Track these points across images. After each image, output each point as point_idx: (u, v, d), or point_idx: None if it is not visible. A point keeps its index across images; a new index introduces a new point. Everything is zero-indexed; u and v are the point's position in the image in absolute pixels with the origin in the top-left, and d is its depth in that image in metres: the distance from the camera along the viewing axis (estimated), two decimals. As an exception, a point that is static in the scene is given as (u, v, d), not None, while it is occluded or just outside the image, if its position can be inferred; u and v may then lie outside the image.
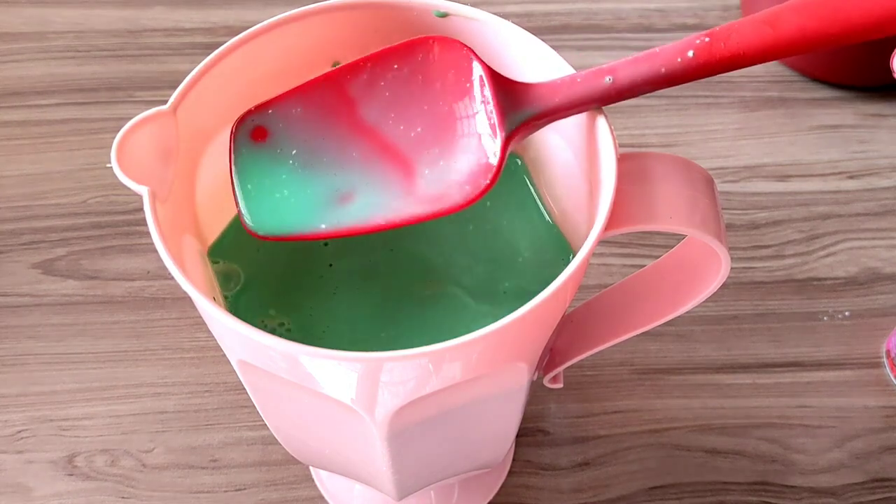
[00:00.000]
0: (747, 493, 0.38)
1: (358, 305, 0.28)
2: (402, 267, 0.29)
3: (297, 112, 0.27)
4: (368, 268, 0.29)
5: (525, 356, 0.26)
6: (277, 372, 0.25)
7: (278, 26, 0.29)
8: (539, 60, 0.28)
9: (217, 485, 0.38)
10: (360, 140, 0.27)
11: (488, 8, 0.29)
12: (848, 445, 0.39)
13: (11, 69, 0.52)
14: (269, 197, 0.26)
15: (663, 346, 0.42)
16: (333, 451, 0.30)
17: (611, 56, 0.53)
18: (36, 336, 0.42)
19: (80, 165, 0.48)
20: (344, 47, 0.30)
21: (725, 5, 0.56)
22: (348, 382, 0.24)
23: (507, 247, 0.30)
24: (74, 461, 0.39)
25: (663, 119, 0.50)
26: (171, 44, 0.53)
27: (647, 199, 0.26)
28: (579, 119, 0.28)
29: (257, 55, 0.29)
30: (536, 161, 0.31)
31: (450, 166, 0.26)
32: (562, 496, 0.38)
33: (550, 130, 0.30)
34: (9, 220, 0.46)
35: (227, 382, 0.41)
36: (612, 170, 0.25)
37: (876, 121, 0.51)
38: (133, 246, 0.45)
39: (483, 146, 0.26)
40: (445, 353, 0.23)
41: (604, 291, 0.33)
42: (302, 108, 0.27)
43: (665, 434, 0.40)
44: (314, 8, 0.29)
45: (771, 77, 0.53)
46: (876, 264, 0.45)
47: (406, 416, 0.25)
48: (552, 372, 0.33)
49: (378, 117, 0.27)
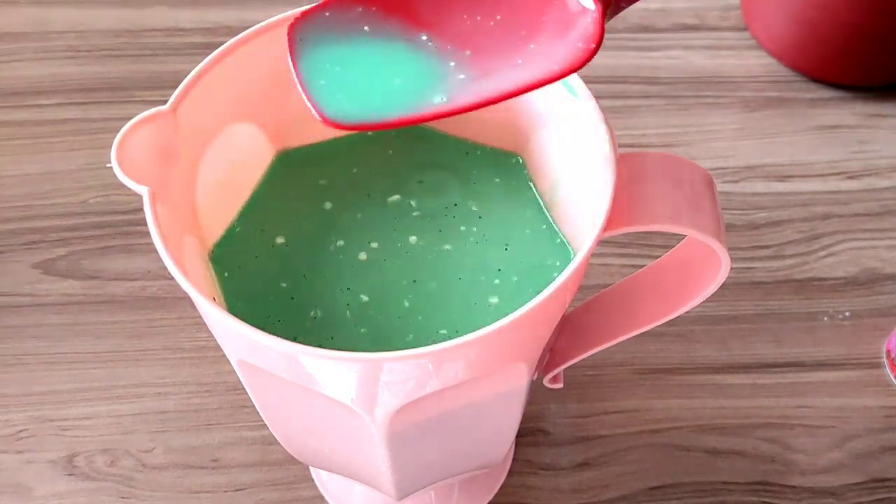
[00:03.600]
0: (747, 493, 0.38)
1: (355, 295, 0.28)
2: (403, 264, 0.29)
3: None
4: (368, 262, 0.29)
5: (525, 356, 0.26)
6: (277, 372, 0.25)
7: (278, 26, 0.29)
8: None
9: (217, 485, 0.38)
10: (443, 30, 0.26)
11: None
12: (848, 445, 0.39)
13: (11, 69, 0.52)
14: (347, 81, 0.25)
15: (663, 346, 0.42)
16: (333, 451, 0.30)
17: (611, 56, 0.54)
18: (36, 336, 0.42)
19: (81, 165, 0.48)
20: None
21: (725, 5, 0.56)
22: (347, 382, 0.24)
23: (507, 246, 0.30)
24: (74, 461, 0.39)
25: (663, 119, 0.50)
26: (171, 44, 0.53)
27: (646, 200, 0.26)
28: (579, 119, 0.28)
29: (257, 55, 0.29)
30: (537, 161, 0.31)
31: (539, 41, 0.25)
32: (562, 496, 0.38)
33: (550, 130, 0.30)
34: (9, 220, 0.46)
35: (227, 382, 0.41)
36: (612, 170, 0.25)
37: (876, 121, 0.51)
38: (133, 246, 0.45)
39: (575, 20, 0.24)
40: (445, 354, 0.23)
41: (604, 291, 0.33)
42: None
43: (665, 434, 0.40)
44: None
45: (771, 77, 0.53)
46: (876, 264, 0.45)
47: (406, 416, 0.25)
48: (552, 372, 0.34)
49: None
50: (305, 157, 0.32)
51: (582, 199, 0.28)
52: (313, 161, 0.32)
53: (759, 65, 0.53)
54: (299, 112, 0.31)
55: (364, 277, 0.29)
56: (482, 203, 0.31)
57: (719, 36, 0.55)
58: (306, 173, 0.32)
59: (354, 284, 0.29)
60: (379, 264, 0.29)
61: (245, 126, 0.30)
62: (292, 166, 0.32)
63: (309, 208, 0.31)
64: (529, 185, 0.31)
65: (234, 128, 0.30)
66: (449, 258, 0.29)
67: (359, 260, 0.29)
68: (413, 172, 0.32)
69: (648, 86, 0.52)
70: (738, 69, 0.53)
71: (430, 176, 0.31)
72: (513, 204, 0.31)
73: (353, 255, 0.29)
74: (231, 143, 0.30)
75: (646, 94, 0.52)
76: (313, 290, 0.29)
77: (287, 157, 0.32)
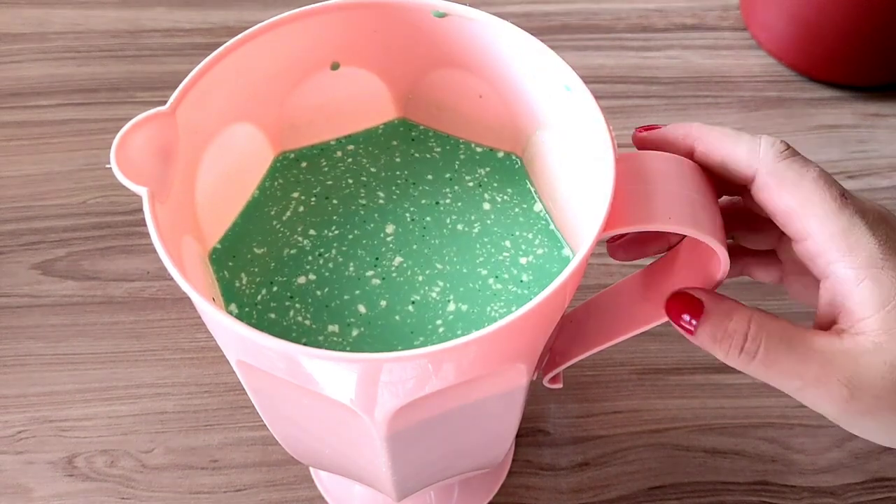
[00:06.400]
0: (747, 493, 0.38)
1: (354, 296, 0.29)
2: (402, 264, 0.29)
3: None
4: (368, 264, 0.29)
5: (524, 357, 0.26)
6: (275, 372, 0.25)
7: (277, 27, 0.29)
8: (537, 60, 0.28)
9: (217, 485, 0.38)
10: None
11: (488, 8, 0.29)
12: (848, 445, 0.39)
13: (11, 69, 0.52)
14: None
15: (663, 346, 0.42)
16: (333, 452, 0.30)
17: (610, 56, 0.54)
18: (36, 336, 0.42)
19: (80, 166, 0.48)
20: (343, 48, 0.31)
21: (725, 5, 0.56)
22: (347, 383, 0.24)
23: (506, 246, 0.30)
24: (74, 462, 0.39)
25: (663, 119, 0.50)
26: (171, 44, 0.53)
27: (645, 200, 0.26)
28: (578, 119, 0.28)
29: (256, 56, 0.29)
30: (536, 161, 0.31)
31: None
32: (562, 496, 0.38)
33: (550, 131, 0.30)
34: (9, 220, 0.46)
35: (226, 383, 0.41)
36: (611, 170, 0.25)
37: (875, 121, 0.51)
38: (133, 247, 0.45)
39: None
40: (445, 354, 0.23)
41: (604, 291, 0.33)
42: None
43: (665, 434, 0.40)
44: (313, 9, 0.29)
45: (771, 77, 0.53)
46: (876, 264, 0.44)
47: (405, 416, 0.25)
48: (552, 372, 0.33)
49: None
50: (306, 158, 0.32)
51: (581, 199, 0.28)
52: (314, 163, 0.32)
53: (759, 65, 0.53)
54: (299, 114, 0.32)
55: (364, 278, 0.29)
56: (481, 203, 0.31)
57: (718, 36, 0.55)
58: (306, 175, 0.32)
59: (354, 285, 0.29)
60: (378, 265, 0.29)
61: (244, 126, 0.30)
62: (292, 168, 0.32)
63: (309, 210, 0.31)
64: (528, 185, 0.31)
65: (233, 128, 0.30)
66: (448, 258, 0.29)
67: (358, 261, 0.29)
68: (413, 174, 0.32)
69: (648, 85, 0.52)
70: (737, 69, 0.53)
71: (429, 177, 0.31)
72: (512, 204, 0.31)
73: (353, 256, 0.29)
74: (231, 144, 0.30)
75: (645, 94, 0.52)
76: (313, 291, 0.29)
77: (287, 159, 0.32)
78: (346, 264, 0.29)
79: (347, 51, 0.31)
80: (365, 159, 0.32)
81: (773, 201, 0.26)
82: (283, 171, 0.32)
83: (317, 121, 0.32)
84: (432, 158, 0.32)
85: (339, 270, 0.29)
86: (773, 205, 0.26)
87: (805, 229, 0.26)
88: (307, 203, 0.31)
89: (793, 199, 0.26)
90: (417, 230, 0.30)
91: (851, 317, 0.25)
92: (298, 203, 0.31)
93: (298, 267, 0.29)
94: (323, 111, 0.32)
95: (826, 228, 0.25)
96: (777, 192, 0.26)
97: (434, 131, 0.33)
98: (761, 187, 0.26)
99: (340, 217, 0.30)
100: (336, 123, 0.32)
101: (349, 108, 0.32)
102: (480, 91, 0.31)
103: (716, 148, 0.27)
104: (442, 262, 0.29)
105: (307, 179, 0.31)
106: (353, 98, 0.32)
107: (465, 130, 0.32)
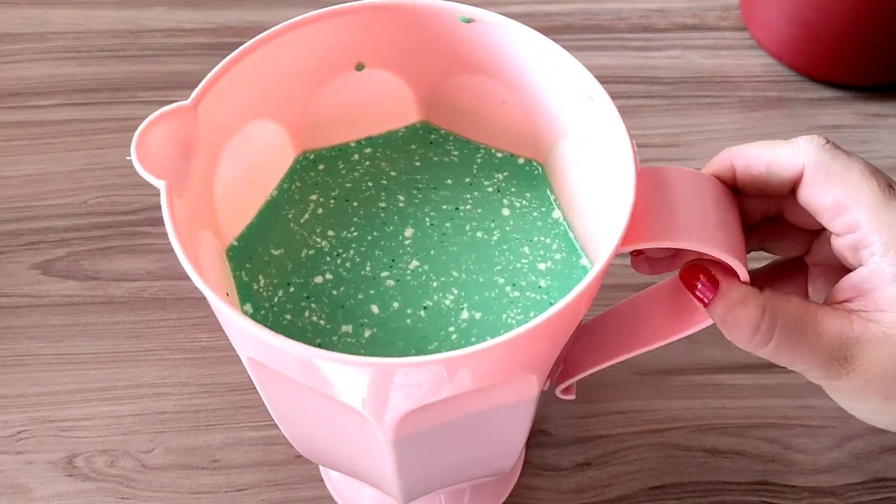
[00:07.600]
0: (748, 493, 0.38)
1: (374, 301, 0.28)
2: (420, 271, 0.29)
3: None
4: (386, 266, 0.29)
5: (536, 367, 0.26)
6: (287, 372, 0.25)
7: (301, 26, 0.28)
8: (561, 69, 0.28)
9: (217, 485, 0.38)
10: None
11: (491, 8, 0.29)
12: (848, 445, 0.39)
13: (11, 69, 0.52)
14: None
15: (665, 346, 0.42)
16: (340, 452, 0.30)
17: (612, 56, 0.54)
18: (36, 336, 0.42)
19: (81, 166, 0.48)
20: (367, 49, 0.30)
21: (725, 5, 0.56)
22: (358, 386, 0.24)
23: (525, 252, 0.29)
24: (74, 462, 0.39)
25: (664, 119, 0.50)
26: (172, 44, 0.53)
27: (666, 216, 0.25)
28: (601, 130, 0.27)
29: (279, 54, 0.29)
30: (556, 170, 0.31)
31: None
32: (563, 496, 0.38)
33: (572, 140, 0.30)
34: (9, 220, 0.46)
35: (227, 383, 0.41)
36: (632, 184, 0.25)
37: (876, 121, 0.51)
38: (133, 246, 0.45)
39: None
40: (458, 361, 0.23)
41: (623, 302, 0.32)
42: None
43: (666, 434, 0.40)
44: (338, 9, 0.29)
45: (771, 77, 0.53)
46: (876, 264, 0.44)
47: (413, 421, 0.25)
48: (565, 383, 0.33)
49: None
50: (327, 159, 0.32)
51: (601, 211, 0.28)
52: (331, 165, 0.32)
53: (759, 65, 0.53)
54: (322, 113, 0.31)
55: (379, 279, 0.29)
56: (501, 209, 0.31)
57: (719, 36, 0.55)
58: (324, 178, 0.31)
59: (369, 284, 0.29)
60: (396, 269, 0.29)
61: (266, 123, 0.30)
62: (310, 171, 0.32)
63: (328, 212, 0.31)
64: (549, 193, 0.31)
65: (255, 125, 0.30)
66: (465, 266, 0.29)
67: (376, 263, 0.29)
68: (433, 177, 0.31)
69: (649, 86, 0.52)
70: (737, 69, 0.53)
71: (450, 181, 0.31)
72: (531, 208, 0.31)
73: (371, 256, 0.29)
74: (252, 140, 0.30)
75: (647, 95, 0.52)
76: (329, 290, 0.29)
77: (308, 159, 0.32)
78: (363, 264, 0.29)
79: (372, 52, 0.31)
80: (383, 162, 0.32)
81: (820, 196, 0.26)
82: (300, 174, 0.32)
83: (340, 121, 0.32)
84: (451, 162, 0.32)
85: (355, 270, 0.29)
86: (820, 200, 0.26)
87: (854, 221, 0.25)
88: (326, 205, 0.31)
89: (841, 190, 0.25)
90: (436, 235, 0.30)
91: (870, 304, 0.25)
92: (317, 205, 0.31)
93: (316, 267, 0.29)
94: (347, 111, 0.32)
95: (874, 219, 0.25)
96: (824, 186, 0.26)
97: (454, 135, 0.33)
98: (808, 182, 0.26)
99: (360, 219, 0.30)
100: (360, 124, 0.32)
101: (373, 109, 0.32)
102: (504, 98, 0.31)
103: (757, 157, 0.27)
104: (458, 269, 0.29)
105: (325, 182, 0.31)
106: (377, 99, 0.32)
107: (487, 136, 0.32)
